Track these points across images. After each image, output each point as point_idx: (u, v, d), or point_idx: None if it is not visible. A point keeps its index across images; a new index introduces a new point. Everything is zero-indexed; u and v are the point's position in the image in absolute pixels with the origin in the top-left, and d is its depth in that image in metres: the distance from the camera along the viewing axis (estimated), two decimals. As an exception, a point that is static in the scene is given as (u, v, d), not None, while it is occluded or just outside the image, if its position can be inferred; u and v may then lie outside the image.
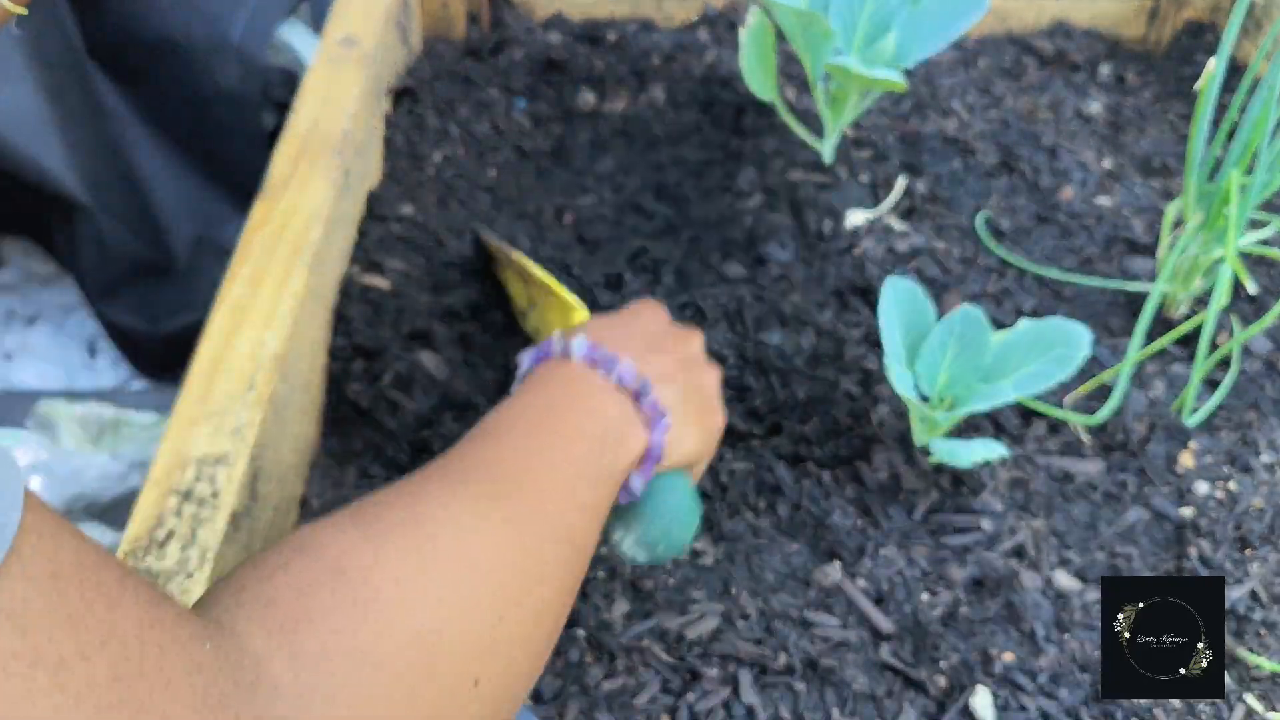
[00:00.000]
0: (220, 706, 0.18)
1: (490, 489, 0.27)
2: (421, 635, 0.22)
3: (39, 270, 0.94)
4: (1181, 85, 0.83)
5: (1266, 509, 0.52)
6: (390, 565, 0.24)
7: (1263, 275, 0.65)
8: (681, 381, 0.37)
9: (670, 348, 0.39)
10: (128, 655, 0.17)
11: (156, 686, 0.17)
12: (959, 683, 0.44)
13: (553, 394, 0.33)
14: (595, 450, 0.31)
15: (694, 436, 0.37)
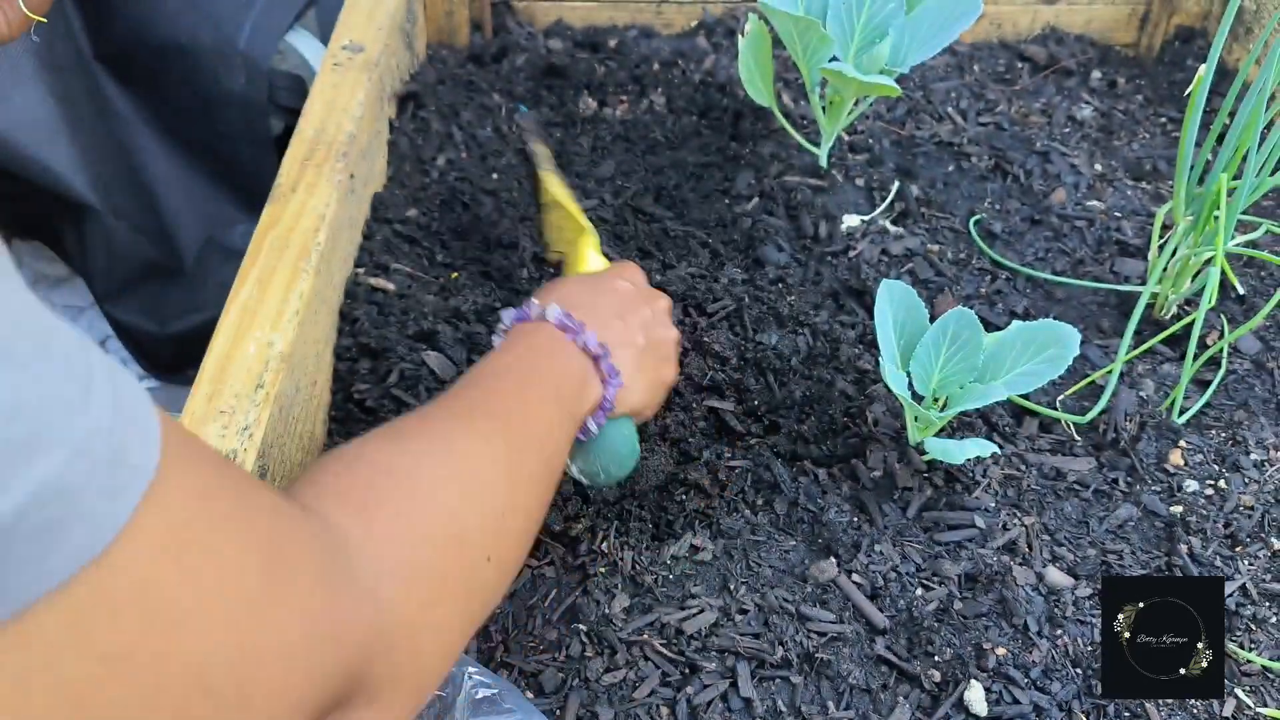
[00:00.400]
0: (332, 569, 0.24)
1: (489, 422, 0.35)
2: (453, 521, 0.30)
3: (49, 272, 0.95)
4: (1172, 90, 0.84)
5: (1256, 506, 0.53)
6: (425, 469, 0.31)
7: (1251, 277, 0.66)
8: (640, 344, 0.45)
9: (636, 310, 0.46)
10: (271, 541, 0.23)
11: (292, 560, 0.23)
12: (953, 677, 0.44)
13: (532, 352, 0.40)
14: (563, 398, 0.40)
15: (643, 392, 0.45)
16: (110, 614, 0.19)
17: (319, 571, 0.24)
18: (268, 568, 0.22)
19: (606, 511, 0.50)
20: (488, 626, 0.46)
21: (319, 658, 0.23)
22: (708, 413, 0.55)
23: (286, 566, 0.23)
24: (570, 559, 0.48)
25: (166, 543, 0.20)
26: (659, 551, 0.49)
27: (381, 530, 0.27)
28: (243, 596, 0.21)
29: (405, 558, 0.27)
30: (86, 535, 0.18)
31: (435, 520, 0.29)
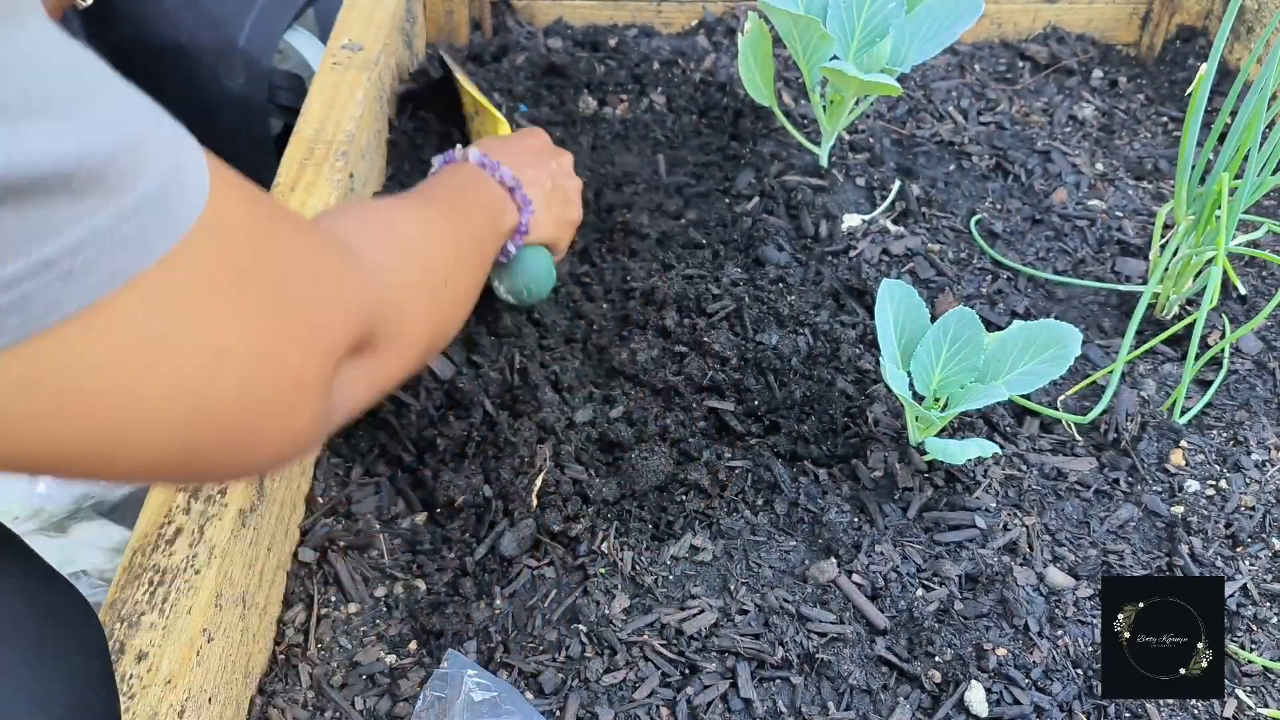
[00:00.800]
0: (349, 257, 0.33)
1: (437, 209, 0.46)
2: (419, 251, 0.40)
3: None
4: (1173, 89, 0.84)
5: (1257, 507, 0.53)
6: (409, 223, 0.41)
7: (1253, 276, 0.66)
8: (547, 186, 0.55)
9: (543, 161, 0.56)
10: (312, 230, 0.31)
11: (329, 244, 0.32)
12: (953, 677, 0.44)
13: (459, 181, 0.50)
14: (488, 212, 0.50)
15: (552, 224, 0.56)
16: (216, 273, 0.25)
17: (344, 255, 0.33)
18: (319, 243, 0.31)
19: (606, 512, 0.50)
20: (488, 627, 0.46)
21: (353, 306, 0.32)
22: (708, 413, 0.55)
23: (328, 246, 0.32)
24: (570, 559, 0.48)
25: (236, 226, 0.26)
26: (659, 552, 0.48)
27: (373, 245, 0.37)
28: (309, 257, 0.30)
29: (391, 263, 0.37)
30: (163, 236, 0.23)
31: (407, 246, 0.40)
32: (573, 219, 0.58)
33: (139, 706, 0.34)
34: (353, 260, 0.33)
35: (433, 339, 0.41)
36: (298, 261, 0.29)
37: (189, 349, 0.24)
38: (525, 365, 0.56)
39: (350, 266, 0.32)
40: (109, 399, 0.22)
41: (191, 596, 0.37)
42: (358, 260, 0.34)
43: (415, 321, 0.38)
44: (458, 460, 0.52)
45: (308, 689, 0.44)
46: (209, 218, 0.24)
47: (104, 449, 0.23)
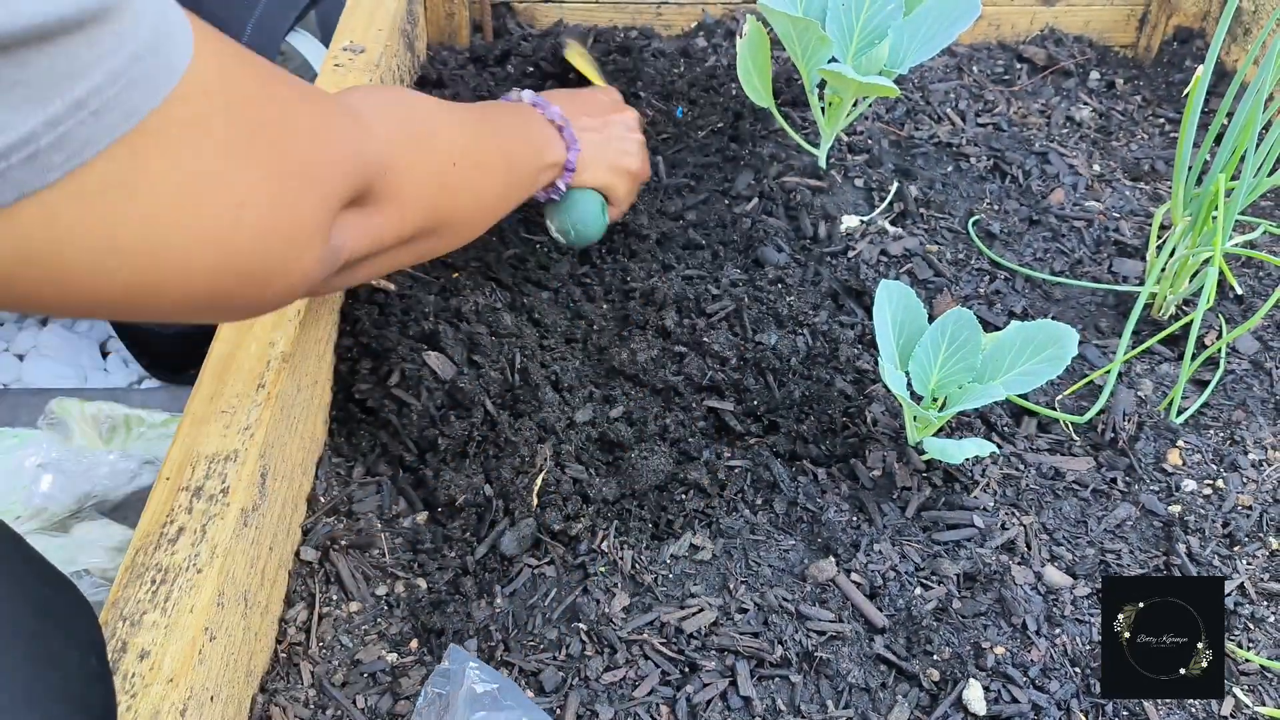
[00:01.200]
0: (351, 126, 0.36)
1: (467, 113, 0.49)
2: (438, 136, 0.43)
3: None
4: (1170, 90, 0.84)
5: (1254, 506, 0.53)
6: (427, 108, 0.45)
7: (1249, 277, 0.67)
8: (604, 135, 0.59)
9: (603, 111, 0.60)
10: (308, 104, 0.34)
11: (323, 115, 0.34)
12: (951, 676, 0.45)
13: (510, 111, 0.54)
14: (527, 142, 0.53)
15: (604, 168, 0.58)
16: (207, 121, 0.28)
17: (341, 114, 0.35)
18: (315, 99, 0.34)
19: (606, 511, 0.50)
20: (488, 626, 0.46)
21: (350, 159, 0.35)
22: (707, 413, 0.55)
23: (324, 104, 0.35)
24: (570, 558, 0.49)
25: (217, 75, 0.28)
26: (659, 551, 0.49)
27: (381, 114, 0.39)
28: (307, 114, 0.32)
29: (395, 132, 0.39)
30: (157, 85, 0.26)
31: (417, 123, 0.42)
32: (630, 169, 0.60)
33: (141, 705, 0.34)
34: (350, 120, 0.36)
35: (434, 210, 0.43)
36: (296, 117, 0.32)
37: (210, 204, 0.28)
38: (525, 365, 0.56)
39: (346, 125, 0.35)
40: (148, 248, 0.27)
41: (194, 595, 0.38)
42: (356, 120, 0.36)
43: (415, 185, 0.40)
44: (458, 460, 0.52)
45: (309, 687, 0.45)
46: (200, 67, 0.27)
47: (146, 291, 0.28)
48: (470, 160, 0.46)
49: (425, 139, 0.42)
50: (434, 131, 0.43)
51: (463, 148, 0.45)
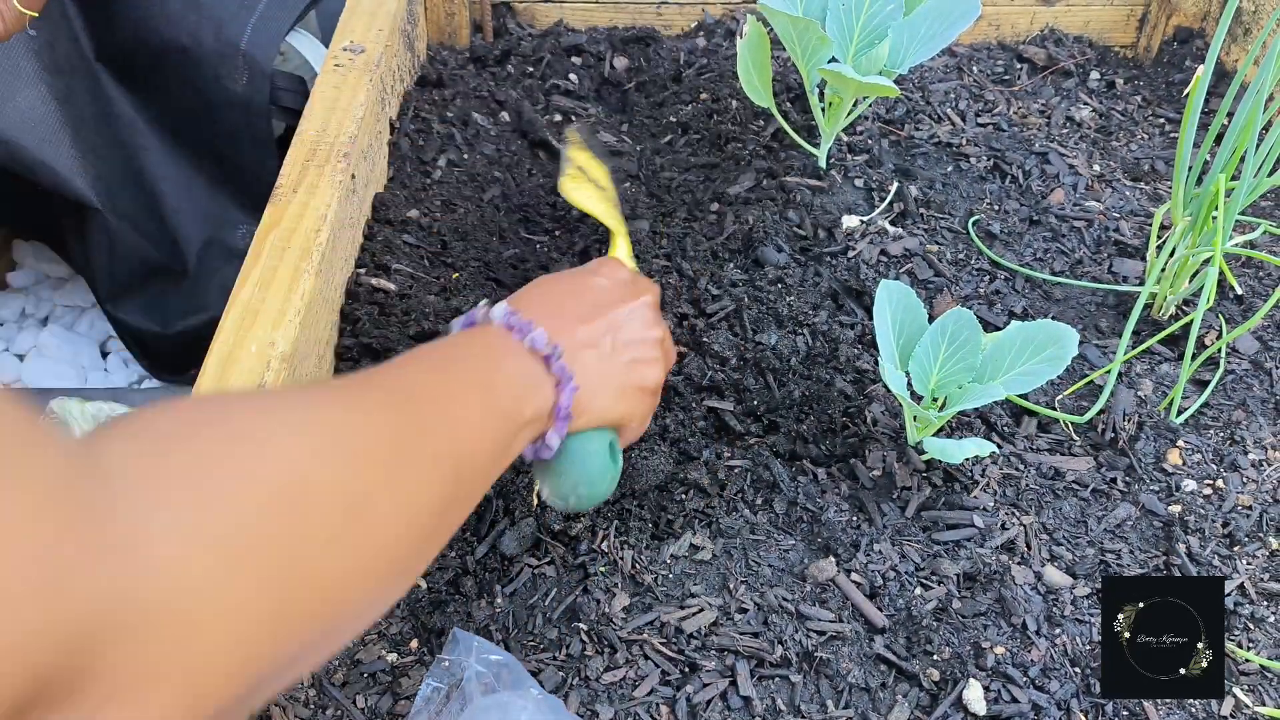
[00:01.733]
0: (69, 499, 0.18)
1: (382, 395, 0.29)
2: (290, 480, 0.23)
3: (51, 272, 0.95)
4: (1170, 91, 0.84)
5: (1254, 506, 0.53)
6: (266, 420, 0.24)
7: (1249, 277, 0.67)
8: (608, 345, 0.41)
9: (607, 309, 0.42)
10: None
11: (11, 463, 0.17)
12: (951, 675, 0.45)
13: (466, 347, 0.36)
14: (496, 397, 0.34)
15: (612, 398, 0.40)
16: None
17: (46, 495, 0.17)
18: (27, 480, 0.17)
19: (606, 511, 0.50)
20: (488, 625, 0.46)
21: (33, 619, 0.16)
22: (707, 413, 0.56)
23: (24, 489, 0.17)
24: (570, 558, 0.49)
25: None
26: (659, 551, 0.49)
27: (179, 471, 0.20)
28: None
29: (206, 511, 0.20)
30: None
31: (264, 474, 0.22)
32: (646, 383, 0.42)
33: (143, 703, 0.34)
34: (83, 508, 0.18)
35: (263, 652, 0.22)
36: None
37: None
38: (526, 365, 0.56)
39: (65, 525, 0.17)
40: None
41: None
42: (101, 510, 0.18)
43: (218, 645, 0.20)
44: (458, 460, 0.52)
45: (309, 687, 0.45)
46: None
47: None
48: (382, 501, 0.26)
49: (276, 525, 0.22)
50: (301, 492, 0.23)
51: (366, 489, 0.25)
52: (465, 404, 0.32)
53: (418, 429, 0.29)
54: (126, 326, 0.85)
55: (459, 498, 0.30)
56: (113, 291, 0.83)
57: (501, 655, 0.40)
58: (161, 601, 0.19)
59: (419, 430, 0.29)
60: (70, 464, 0.19)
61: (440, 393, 0.31)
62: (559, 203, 0.70)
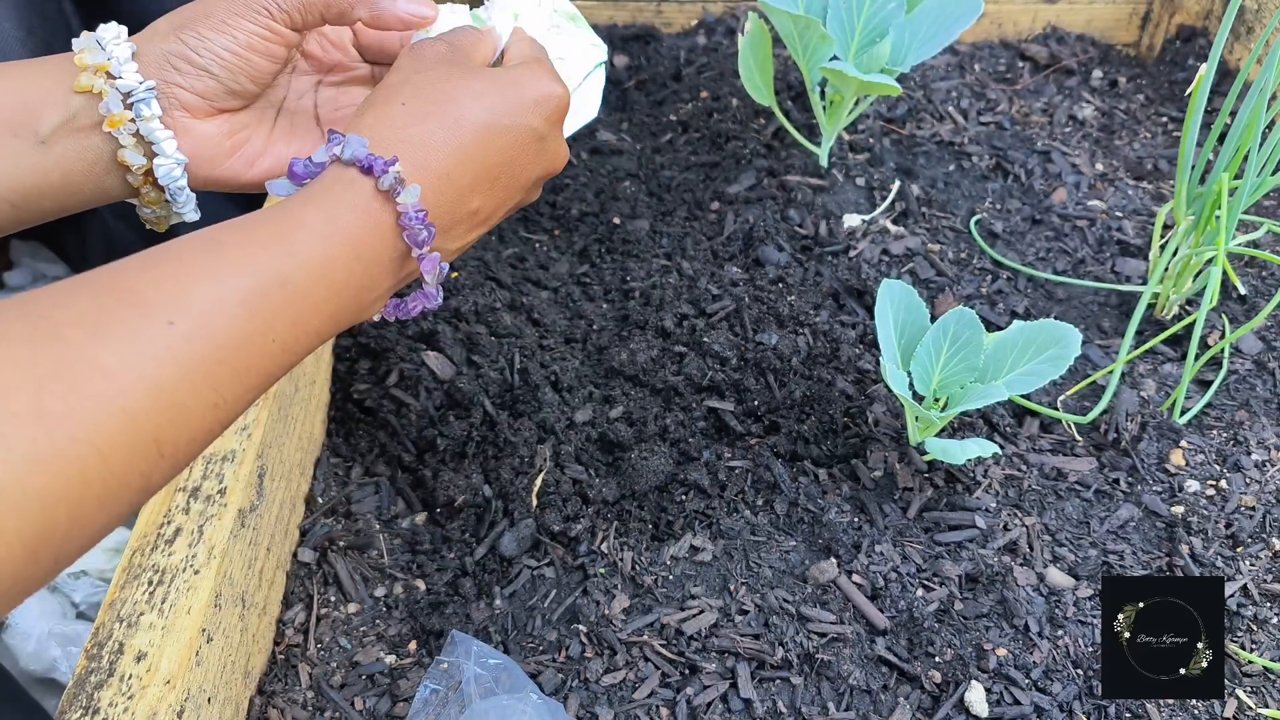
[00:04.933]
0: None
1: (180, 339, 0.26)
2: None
3: (48, 272, 0.95)
4: (1173, 89, 0.84)
5: (1257, 507, 0.53)
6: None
7: (1253, 276, 0.66)
8: (487, 223, 0.36)
9: (519, 190, 0.36)
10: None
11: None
12: (953, 677, 0.44)
13: (278, 227, 0.30)
14: (325, 301, 0.30)
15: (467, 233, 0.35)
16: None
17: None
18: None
19: (606, 512, 0.50)
20: (487, 627, 0.46)
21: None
22: (708, 413, 0.55)
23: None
24: (570, 559, 0.48)
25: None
26: (659, 552, 0.48)
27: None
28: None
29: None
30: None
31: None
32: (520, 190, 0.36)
33: (138, 707, 0.34)
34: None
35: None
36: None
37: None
38: (525, 365, 0.56)
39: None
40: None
41: (191, 596, 0.37)
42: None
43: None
44: (458, 460, 0.52)
45: (307, 689, 0.44)
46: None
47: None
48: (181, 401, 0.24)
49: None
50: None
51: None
52: (289, 306, 0.28)
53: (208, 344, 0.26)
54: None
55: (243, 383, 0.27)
56: (110, 291, 0.83)
57: (500, 657, 0.40)
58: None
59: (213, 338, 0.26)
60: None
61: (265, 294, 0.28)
62: (558, 201, 0.70)
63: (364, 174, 0.31)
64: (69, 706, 0.34)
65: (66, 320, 0.24)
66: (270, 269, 0.28)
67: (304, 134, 0.41)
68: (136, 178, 0.37)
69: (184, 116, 0.37)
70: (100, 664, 0.35)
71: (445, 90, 0.34)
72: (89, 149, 0.36)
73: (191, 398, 0.26)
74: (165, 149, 0.36)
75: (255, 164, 0.40)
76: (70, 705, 0.34)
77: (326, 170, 0.32)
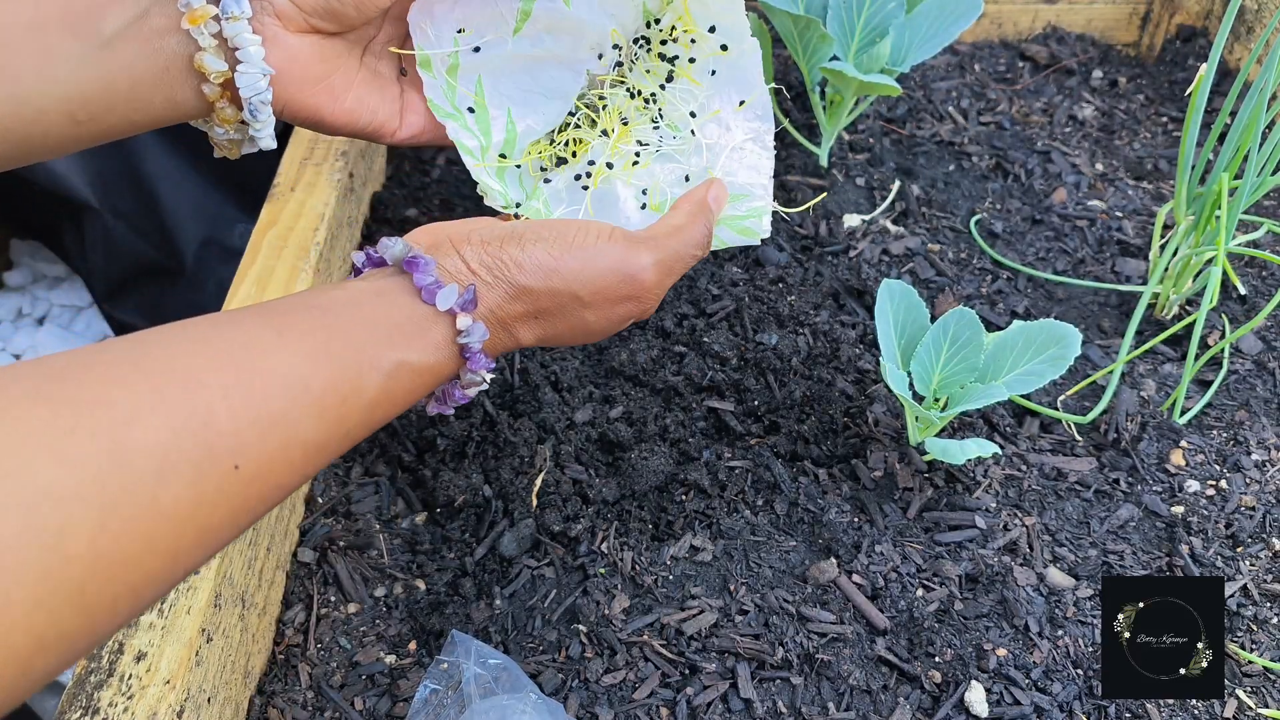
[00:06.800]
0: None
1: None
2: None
3: (48, 271, 0.95)
4: (1173, 89, 0.84)
5: (1257, 507, 0.53)
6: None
7: (1253, 276, 0.66)
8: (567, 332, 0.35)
9: (607, 320, 0.35)
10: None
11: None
12: (953, 678, 0.44)
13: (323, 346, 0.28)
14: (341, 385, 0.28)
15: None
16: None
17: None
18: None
19: (606, 512, 0.50)
20: (487, 627, 0.46)
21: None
22: (707, 413, 0.55)
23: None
24: (570, 559, 0.48)
25: None
26: (659, 552, 0.48)
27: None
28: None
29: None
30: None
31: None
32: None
33: (138, 707, 0.34)
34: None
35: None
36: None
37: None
38: (525, 365, 0.56)
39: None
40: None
41: (190, 597, 0.37)
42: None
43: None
44: (458, 460, 0.52)
45: (307, 689, 0.44)
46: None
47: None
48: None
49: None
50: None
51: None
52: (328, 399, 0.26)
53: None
54: (123, 325, 0.85)
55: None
56: (110, 290, 0.83)
57: (500, 657, 0.40)
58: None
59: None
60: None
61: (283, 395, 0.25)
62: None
63: (461, 357, 0.31)
64: (68, 706, 0.34)
65: (138, 446, 0.22)
66: (340, 423, 0.27)
67: (384, 85, 0.37)
68: (213, 88, 0.32)
69: (274, 24, 0.32)
70: (100, 664, 0.35)
71: (579, 318, 0.33)
72: (161, 51, 0.31)
73: (230, 533, 0.25)
74: (251, 55, 0.31)
75: (340, 99, 0.35)
76: (70, 705, 0.34)
77: (435, 322, 0.30)
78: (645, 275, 0.33)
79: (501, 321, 0.32)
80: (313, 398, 0.26)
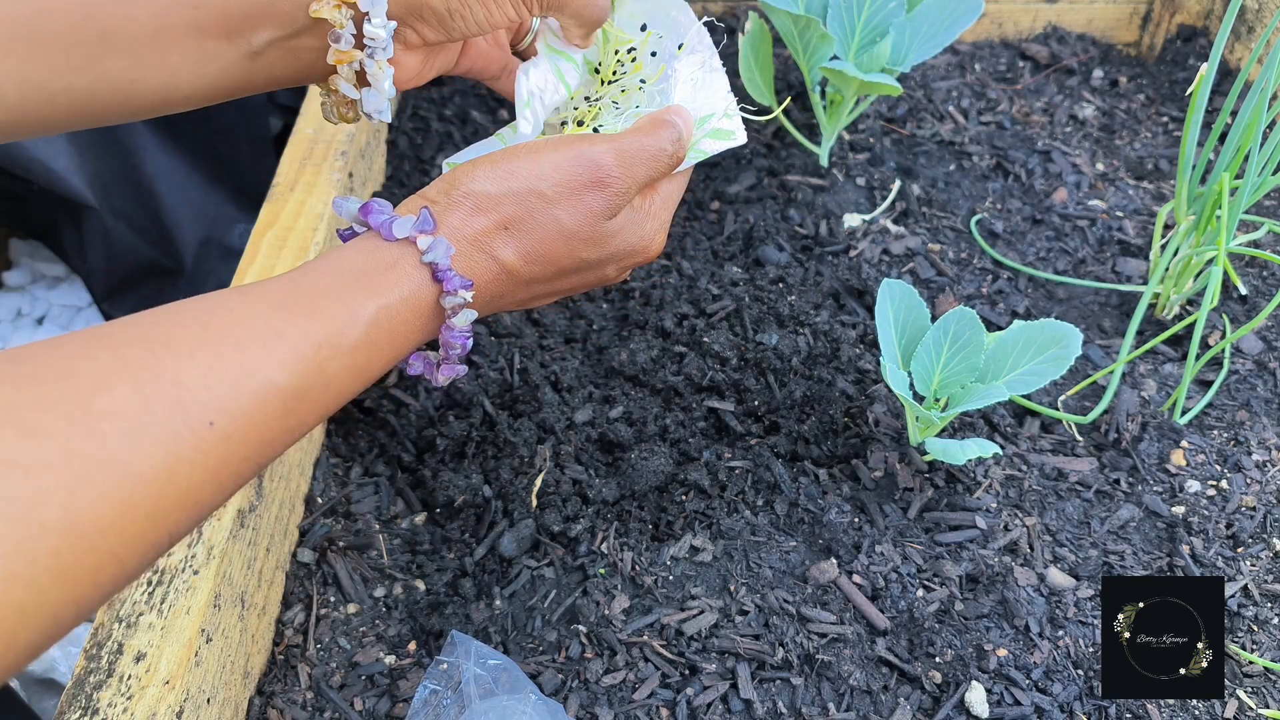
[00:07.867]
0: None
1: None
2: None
3: (47, 271, 0.95)
4: (1174, 89, 0.84)
5: (1258, 507, 0.53)
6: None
7: (1253, 276, 0.66)
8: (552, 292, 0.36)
9: (594, 271, 0.35)
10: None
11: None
12: (954, 678, 0.44)
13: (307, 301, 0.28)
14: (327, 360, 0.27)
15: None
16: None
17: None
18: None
19: (606, 512, 0.50)
20: (487, 628, 0.46)
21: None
22: (708, 413, 0.55)
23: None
24: (569, 560, 0.48)
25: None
26: (659, 552, 0.48)
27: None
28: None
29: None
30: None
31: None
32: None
33: (137, 708, 0.34)
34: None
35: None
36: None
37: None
38: (525, 365, 0.56)
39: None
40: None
41: (190, 597, 0.37)
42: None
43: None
44: (457, 460, 0.52)
45: (307, 690, 0.44)
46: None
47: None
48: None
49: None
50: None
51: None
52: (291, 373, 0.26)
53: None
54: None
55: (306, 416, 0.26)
56: (109, 290, 0.83)
57: (500, 658, 0.40)
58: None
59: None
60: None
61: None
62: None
63: (434, 281, 0.30)
64: (68, 707, 0.34)
65: (105, 412, 0.22)
66: (319, 371, 0.27)
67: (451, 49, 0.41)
68: (333, 96, 0.36)
69: (399, 50, 0.36)
70: (99, 664, 0.35)
71: (551, 218, 0.32)
72: (301, 59, 0.35)
73: (214, 494, 0.24)
74: (384, 87, 0.35)
75: (415, 80, 0.39)
76: (69, 705, 0.34)
77: (399, 254, 0.30)
78: (604, 158, 0.33)
79: (471, 240, 0.31)
80: (285, 344, 0.26)
